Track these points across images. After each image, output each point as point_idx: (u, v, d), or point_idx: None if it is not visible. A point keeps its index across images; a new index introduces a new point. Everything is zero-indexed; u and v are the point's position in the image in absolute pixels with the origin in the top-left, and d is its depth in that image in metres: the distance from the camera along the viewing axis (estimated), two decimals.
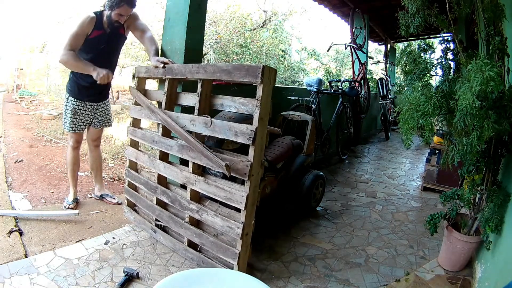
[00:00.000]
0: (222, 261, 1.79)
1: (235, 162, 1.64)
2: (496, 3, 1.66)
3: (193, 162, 1.83)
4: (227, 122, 1.70)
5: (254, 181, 1.63)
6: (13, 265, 1.71)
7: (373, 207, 2.93)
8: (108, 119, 2.53)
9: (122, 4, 2.10)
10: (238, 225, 1.65)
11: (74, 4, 9.78)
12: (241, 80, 1.65)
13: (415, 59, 1.87)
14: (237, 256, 1.67)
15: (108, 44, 2.28)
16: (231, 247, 1.71)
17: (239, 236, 1.65)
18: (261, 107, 1.57)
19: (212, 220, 1.77)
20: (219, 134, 1.71)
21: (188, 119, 1.85)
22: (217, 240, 1.77)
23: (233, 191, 1.66)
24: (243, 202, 1.61)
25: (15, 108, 7.26)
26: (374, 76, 8.66)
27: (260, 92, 1.56)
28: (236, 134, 1.63)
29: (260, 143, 1.61)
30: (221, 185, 1.72)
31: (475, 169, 1.77)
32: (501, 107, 1.51)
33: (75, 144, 2.45)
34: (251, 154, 1.60)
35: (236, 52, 8.13)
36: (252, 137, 1.56)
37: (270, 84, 1.59)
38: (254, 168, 1.61)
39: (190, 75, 1.87)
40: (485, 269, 1.79)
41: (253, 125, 1.58)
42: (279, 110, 3.06)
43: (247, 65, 1.64)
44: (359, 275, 1.92)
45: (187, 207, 1.88)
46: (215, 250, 1.77)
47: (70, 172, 2.48)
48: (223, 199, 1.71)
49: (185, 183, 1.88)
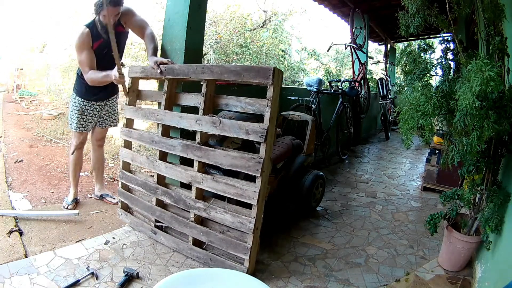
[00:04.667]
0: (232, 257, 1.83)
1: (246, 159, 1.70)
2: (496, 3, 1.66)
3: (199, 161, 1.85)
4: (237, 121, 1.75)
5: (265, 177, 1.69)
6: (13, 265, 1.71)
7: (373, 207, 2.93)
8: (114, 119, 2.54)
9: (106, 6, 2.06)
10: (250, 219, 1.71)
11: (74, 4, 9.77)
12: (250, 81, 1.71)
13: (415, 59, 1.87)
14: (249, 250, 1.72)
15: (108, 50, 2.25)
16: (242, 242, 1.75)
17: (251, 231, 1.70)
18: (272, 106, 1.64)
19: (221, 217, 1.80)
20: (229, 133, 1.75)
21: (193, 119, 1.87)
22: (226, 237, 1.81)
23: (244, 187, 1.71)
24: (256, 197, 1.67)
25: (15, 108, 7.26)
26: (374, 76, 8.65)
27: (271, 92, 1.64)
28: (247, 133, 1.69)
29: (270, 141, 1.68)
30: (231, 182, 1.77)
31: (475, 169, 1.77)
32: (501, 107, 1.51)
33: (79, 144, 2.45)
34: (263, 151, 1.66)
35: (236, 52, 8.12)
36: (265, 135, 1.63)
37: (278, 84, 1.66)
38: (265, 165, 1.67)
39: (194, 76, 1.89)
40: (485, 269, 1.79)
41: (265, 123, 1.65)
42: (279, 110, 3.06)
43: (257, 67, 1.71)
44: (359, 275, 1.92)
45: (193, 206, 1.90)
46: (225, 247, 1.80)
47: (71, 172, 2.48)
48: (234, 196, 1.75)
49: (191, 182, 1.89)
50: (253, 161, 1.67)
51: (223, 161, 1.76)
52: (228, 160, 1.75)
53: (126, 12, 2.25)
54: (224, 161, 1.76)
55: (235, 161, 1.72)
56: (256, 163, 1.66)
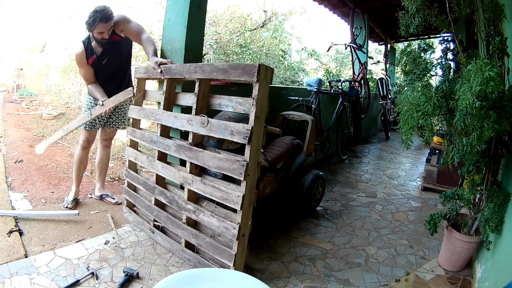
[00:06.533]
0: (218, 263, 1.77)
1: (231, 162, 1.62)
2: (496, 3, 1.66)
3: (190, 162, 1.83)
4: (224, 122, 1.69)
5: (250, 181, 1.61)
6: (13, 265, 1.71)
7: (373, 207, 2.93)
8: (123, 121, 2.55)
9: (97, 23, 2.12)
10: (234, 226, 1.63)
11: (74, 4, 9.77)
12: (237, 79, 1.63)
13: (415, 59, 1.87)
14: (233, 257, 1.65)
15: (109, 57, 2.33)
16: (228, 248, 1.68)
17: (235, 237, 1.63)
18: (257, 106, 1.55)
19: (208, 220, 1.75)
20: (216, 133, 1.69)
21: (185, 119, 1.85)
22: (214, 241, 1.75)
23: (229, 191, 1.64)
24: (239, 202, 1.59)
25: (15, 108, 7.25)
26: (374, 76, 8.65)
27: (256, 90, 1.55)
28: (232, 134, 1.62)
29: (257, 142, 1.59)
30: (217, 185, 1.70)
31: (475, 169, 1.77)
32: (501, 107, 1.51)
33: (85, 143, 2.46)
34: (247, 154, 1.58)
35: (236, 52, 8.12)
36: (248, 136, 1.55)
37: (266, 82, 1.57)
38: (250, 168, 1.58)
39: (188, 75, 1.87)
40: (485, 269, 1.79)
41: (249, 124, 1.56)
42: (279, 110, 3.06)
43: (243, 64, 1.63)
44: (359, 275, 1.92)
45: (184, 207, 1.87)
46: (212, 251, 1.75)
47: (75, 171, 2.49)
48: (219, 199, 1.69)
49: (183, 183, 1.87)
50: (237, 164, 1.59)
51: (210, 163, 1.71)
52: (214, 162, 1.69)
53: (120, 21, 2.27)
54: (211, 163, 1.70)
55: (221, 163, 1.66)
56: (240, 166, 1.57)
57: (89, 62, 2.31)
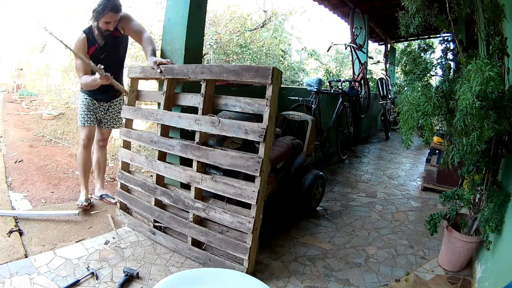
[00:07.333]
0: (231, 257, 1.82)
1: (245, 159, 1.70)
2: (496, 3, 1.66)
3: (198, 161, 1.85)
4: (236, 121, 1.75)
5: (264, 177, 1.69)
6: (13, 265, 1.71)
7: (373, 207, 2.93)
8: (117, 120, 2.55)
9: (107, 12, 2.10)
10: (249, 219, 1.70)
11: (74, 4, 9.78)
12: (250, 80, 1.70)
13: (415, 59, 1.87)
14: (248, 250, 1.72)
15: (108, 52, 2.31)
16: (241, 242, 1.75)
17: (250, 231, 1.71)
18: (271, 106, 1.65)
19: (220, 217, 1.80)
20: (228, 132, 1.75)
21: (192, 119, 1.87)
22: (225, 237, 1.81)
23: (243, 187, 1.71)
24: (255, 197, 1.67)
25: (15, 108, 7.26)
26: (374, 76, 8.65)
27: (270, 92, 1.64)
28: (246, 132, 1.69)
29: (269, 140, 1.68)
30: (230, 182, 1.77)
31: (475, 169, 1.77)
32: (501, 107, 1.51)
33: (86, 141, 2.46)
34: (262, 151, 1.66)
35: (236, 52, 8.12)
36: (264, 135, 1.63)
37: (277, 84, 1.66)
38: (265, 164, 1.67)
39: (193, 76, 1.89)
40: (485, 269, 1.79)
41: (264, 123, 1.65)
42: (279, 110, 3.05)
43: (256, 67, 1.71)
44: (359, 275, 1.92)
45: (192, 206, 1.90)
46: (224, 247, 1.80)
47: (81, 172, 2.49)
48: (232, 196, 1.74)
49: (189, 182, 1.89)
50: (252, 161, 1.67)
51: (222, 161, 1.76)
52: (227, 160, 1.75)
53: (123, 18, 2.27)
54: (223, 161, 1.76)
55: (234, 160, 1.73)
56: (255, 162, 1.66)
57: (90, 51, 2.25)
